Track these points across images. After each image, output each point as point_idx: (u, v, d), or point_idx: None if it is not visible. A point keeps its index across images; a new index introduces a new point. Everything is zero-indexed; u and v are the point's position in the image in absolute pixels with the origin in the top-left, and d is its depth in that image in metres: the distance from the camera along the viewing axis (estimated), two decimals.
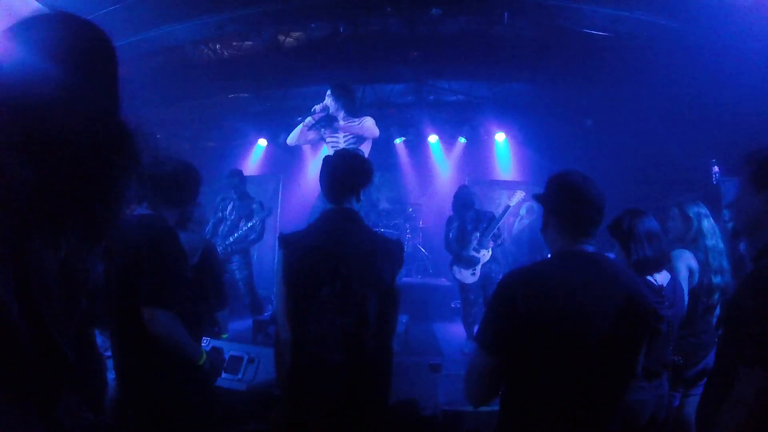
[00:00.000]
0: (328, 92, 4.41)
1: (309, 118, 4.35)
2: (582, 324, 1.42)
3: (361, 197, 2.10)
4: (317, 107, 4.36)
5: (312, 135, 4.47)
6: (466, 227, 5.10)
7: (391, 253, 2.01)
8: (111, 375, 2.65)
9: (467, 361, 1.62)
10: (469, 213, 5.16)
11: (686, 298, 2.46)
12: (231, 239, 5.50)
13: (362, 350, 1.88)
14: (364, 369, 1.89)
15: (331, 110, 4.32)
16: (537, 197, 1.65)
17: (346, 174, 2.07)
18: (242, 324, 5.22)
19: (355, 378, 1.87)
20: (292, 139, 4.49)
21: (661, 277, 2.28)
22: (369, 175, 2.13)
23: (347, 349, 1.86)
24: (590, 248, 1.54)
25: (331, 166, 2.10)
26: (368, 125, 4.33)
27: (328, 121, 4.38)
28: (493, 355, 1.48)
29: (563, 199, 1.57)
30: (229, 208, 5.67)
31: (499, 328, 1.48)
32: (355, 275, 1.90)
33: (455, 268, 5.16)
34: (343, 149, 2.33)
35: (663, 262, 2.28)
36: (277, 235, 2.08)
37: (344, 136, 4.37)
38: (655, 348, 2.17)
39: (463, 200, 5.22)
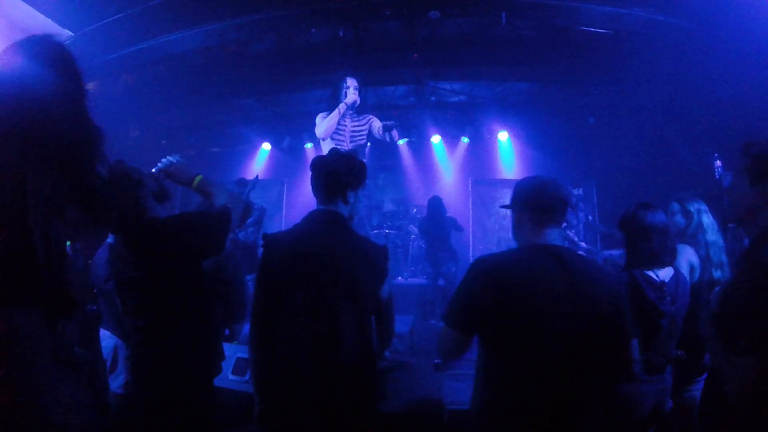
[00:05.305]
0: (353, 82, 4.25)
1: (342, 105, 4.19)
2: (538, 307, 1.54)
3: (350, 200, 1.99)
4: (349, 99, 4.20)
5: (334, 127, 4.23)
6: None
7: (372, 259, 1.93)
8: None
9: (438, 332, 1.76)
10: None
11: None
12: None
13: (334, 357, 1.80)
14: (337, 375, 1.80)
15: (356, 102, 4.24)
16: (506, 206, 1.83)
17: (331, 175, 1.98)
18: None
19: (325, 384, 1.79)
20: (325, 131, 4.20)
21: (663, 273, 2.25)
22: (358, 177, 2.03)
23: (317, 354, 1.79)
24: (557, 241, 1.70)
25: (318, 167, 2.02)
26: (376, 124, 4.29)
27: (354, 111, 4.27)
28: (459, 331, 1.64)
29: (530, 194, 1.75)
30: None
31: (464, 307, 1.64)
32: (330, 280, 1.83)
33: None
34: (335, 149, 2.31)
35: (665, 257, 2.26)
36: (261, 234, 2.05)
37: (351, 135, 4.26)
38: (657, 342, 2.19)
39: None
